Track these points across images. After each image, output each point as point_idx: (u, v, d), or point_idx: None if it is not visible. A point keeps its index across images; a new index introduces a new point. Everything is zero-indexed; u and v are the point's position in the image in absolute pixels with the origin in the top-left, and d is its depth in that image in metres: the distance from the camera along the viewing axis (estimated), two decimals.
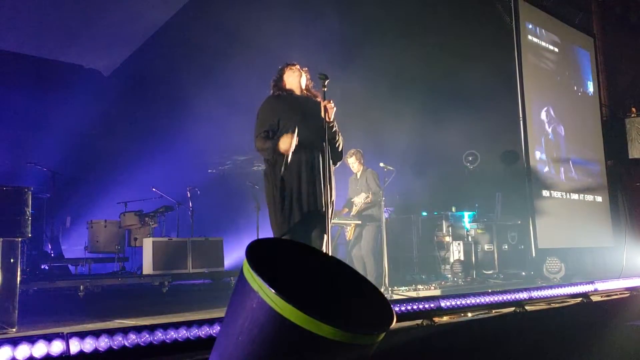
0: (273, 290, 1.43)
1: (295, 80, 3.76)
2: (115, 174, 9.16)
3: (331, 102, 3.60)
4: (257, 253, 1.59)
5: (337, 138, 3.71)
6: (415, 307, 3.57)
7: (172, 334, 2.49)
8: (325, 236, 3.56)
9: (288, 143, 3.53)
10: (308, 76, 3.83)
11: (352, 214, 6.25)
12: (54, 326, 3.44)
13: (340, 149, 3.78)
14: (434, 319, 3.56)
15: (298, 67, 3.80)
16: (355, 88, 10.01)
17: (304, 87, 3.80)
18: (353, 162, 6.49)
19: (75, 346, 2.19)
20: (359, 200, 6.25)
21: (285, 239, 2.94)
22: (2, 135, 8.35)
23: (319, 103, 3.66)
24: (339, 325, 1.42)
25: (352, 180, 6.62)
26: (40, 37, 8.70)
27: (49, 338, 2.14)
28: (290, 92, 3.75)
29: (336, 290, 1.72)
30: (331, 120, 3.61)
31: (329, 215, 3.55)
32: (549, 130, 8.96)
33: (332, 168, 3.74)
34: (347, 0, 10.32)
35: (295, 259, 1.74)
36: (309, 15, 9.78)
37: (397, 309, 3.48)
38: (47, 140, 8.81)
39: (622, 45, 12.18)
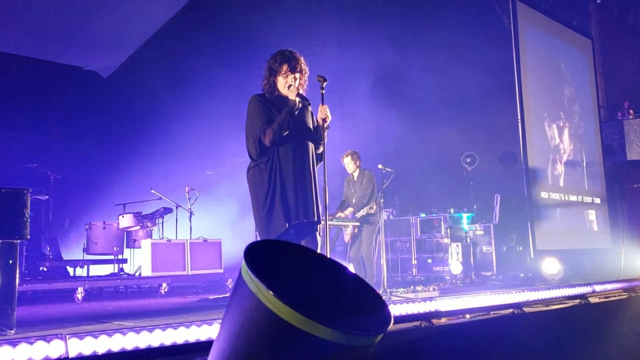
0: (271, 292, 1.44)
1: (290, 90, 3.47)
2: (113, 176, 9.16)
3: (327, 109, 3.53)
4: (256, 255, 1.60)
5: (322, 141, 3.60)
6: (413, 308, 3.58)
7: (171, 335, 2.50)
8: (319, 237, 3.52)
9: (293, 93, 3.42)
10: (305, 79, 3.58)
11: (357, 215, 6.24)
12: (53, 328, 3.43)
13: (320, 152, 3.69)
14: (432, 320, 3.57)
15: (296, 75, 3.50)
16: (354, 89, 10.03)
17: (300, 91, 3.55)
18: (348, 162, 6.48)
19: (74, 347, 2.19)
20: (360, 206, 6.23)
21: (283, 241, 2.90)
22: (1, 136, 8.35)
23: (307, 107, 3.60)
24: (336, 327, 1.43)
25: (348, 181, 6.60)
26: (39, 39, 8.70)
27: (47, 339, 2.15)
28: (284, 98, 3.51)
29: (334, 292, 1.72)
30: (327, 125, 3.55)
31: (320, 216, 3.53)
32: (548, 131, 8.98)
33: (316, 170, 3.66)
34: (347, 1, 10.35)
35: (293, 260, 1.75)
36: (309, 14, 9.79)
37: (395, 310, 3.48)
38: (46, 142, 8.80)
39: (620, 47, 12.21)
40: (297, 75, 3.52)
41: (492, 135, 9.62)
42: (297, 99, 3.48)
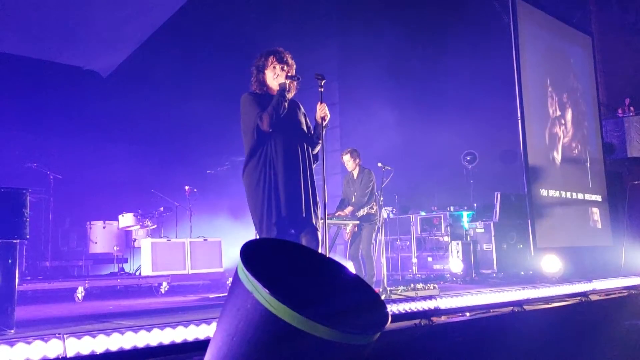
0: (267, 291, 1.43)
1: (278, 77, 3.50)
2: (113, 175, 9.14)
3: (326, 107, 3.52)
4: (252, 253, 1.59)
5: (320, 139, 3.59)
6: (413, 306, 3.58)
7: (170, 335, 2.50)
8: (319, 234, 3.51)
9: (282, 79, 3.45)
10: (293, 72, 3.57)
11: (358, 214, 6.23)
12: (52, 328, 3.43)
13: (318, 150, 3.68)
14: (432, 318, 3.57)
15: (284, 66, 3.52)
16: (354, 87, 10.01)
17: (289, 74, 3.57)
18: (348, 160, 6.48)
19: (72, 347, 2.19)
20: (360, 205, 6.22)
21: (280, 239, 2.88)
22: (1, 136, 8.34)
23: (299, 106, 3.63)
24: (333, 325, 1.42)
25: (347, 180, 6.59)
26: (38, 39, 8.68)
27: (45, 339, 2.14)
28: (272, 94, 3.52)
29: (331, 290, 1.71)
30: (326, 123, 3.54)
31: (318, 215, 3.52)
32: (548, 129, 8.96)
33: (313, 168, 3.65)
34: (346, 0, 10.34)
35: (290, 259, 1.74)
36: (309, 14, 9.78)
37: (395, 308, 3.48)
38: (45, 142, 8.80)
39: (620, 44, 12.19)
40: (285, 66, 3.55)
41: (492, 133, 9.61)
42: (287, 81, 3.50)
